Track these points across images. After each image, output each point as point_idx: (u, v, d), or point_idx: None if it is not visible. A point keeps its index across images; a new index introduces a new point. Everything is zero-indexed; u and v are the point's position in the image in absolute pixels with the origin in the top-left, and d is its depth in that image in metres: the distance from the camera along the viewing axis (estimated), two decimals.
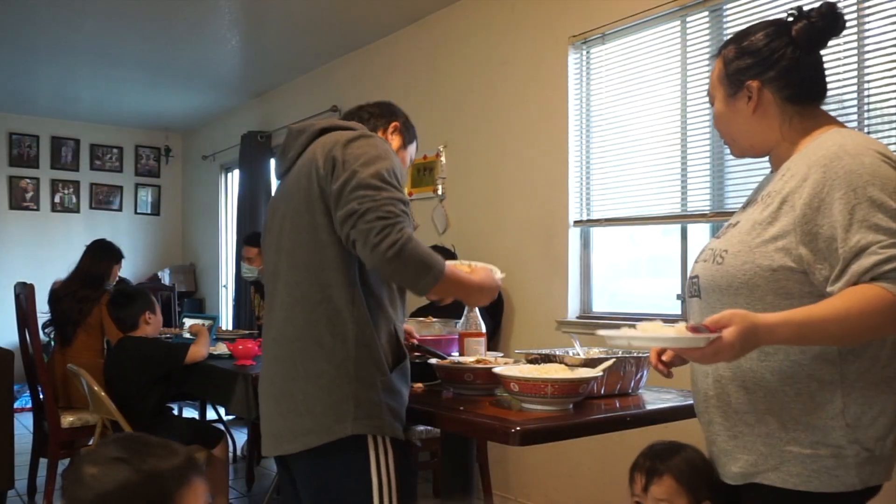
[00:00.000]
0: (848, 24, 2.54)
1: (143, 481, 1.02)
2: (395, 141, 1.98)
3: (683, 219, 3.16)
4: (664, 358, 1.58)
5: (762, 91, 1.41)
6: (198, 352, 3.26)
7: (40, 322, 4.02)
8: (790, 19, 1.42)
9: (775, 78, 1.41)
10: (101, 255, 4.08)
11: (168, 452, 1.08)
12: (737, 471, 1.41)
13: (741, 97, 1.43)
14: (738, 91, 1.43)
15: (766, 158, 1.51)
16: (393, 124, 1.98)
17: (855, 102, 2.59)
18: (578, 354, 2.06)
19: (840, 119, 2.63)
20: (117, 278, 4.23)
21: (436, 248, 3.97)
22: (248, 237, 4.54)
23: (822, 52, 1.47)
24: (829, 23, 1.38)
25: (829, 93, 2.65)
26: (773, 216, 1.34)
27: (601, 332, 1.35)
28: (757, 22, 1.49)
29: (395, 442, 1.67)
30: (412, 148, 2.06)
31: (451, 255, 3.94)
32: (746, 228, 1.39)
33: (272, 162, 6.35)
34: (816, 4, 1.41)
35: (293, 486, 1.77)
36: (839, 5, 1.99)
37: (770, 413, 1.35)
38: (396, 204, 1.59)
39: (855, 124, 2.59)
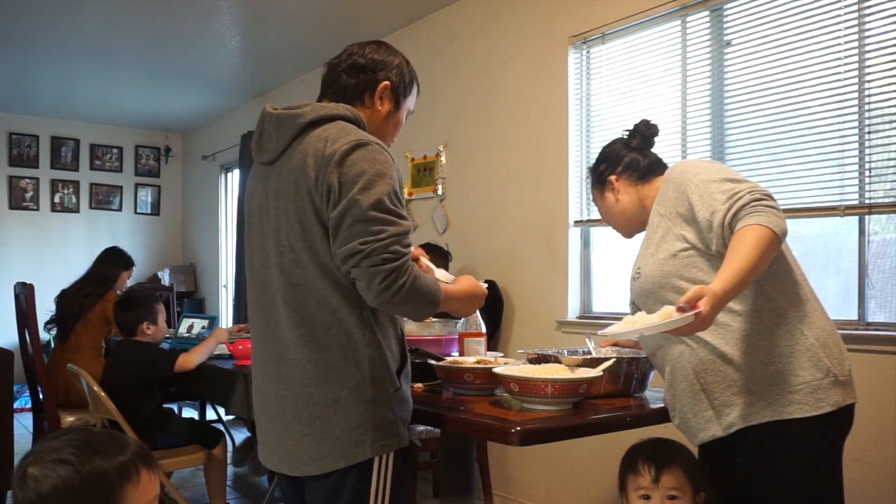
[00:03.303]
0: (848, 24, 2.57)
1: (84, 482, 0.99)
2: (386, 105, 1.75)
3: None
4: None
5: (619, 181, 1.93)
6: (187, 361, 3.21)
7: (44, 319, 4.08)
8: (626, 135, 1.99)
9: (624, 170, 1.93)
10: (111, 260, 4.30)
11: (115, 449, 1.03)
12: (737, 414, 1.61)
13: (608, 191, 1.96)
14: (604, 187, 1.96)
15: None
16: (381, 86, 1.73)
17: (855, 102, 2.59)
18: (591, 354, 2.06)
19: (840, 119, 2.66)
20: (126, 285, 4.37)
21: (428, 245, 3.97)
22: None
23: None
24: (649, 129, 1.97)
25: (830, 93, 2.68)
26: (654, 229, 1.78)
27: (604, 331, 1.55)
28: (606, 144, 2.02)
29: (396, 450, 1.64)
30: (411, 100, 1.82)
31: (444, 254, 3.92)
32: (643, 249, 1.83)
33: None
34: (638, 121, 1.99)
35: (297, 498, 1.74)
36: (838, 5, 2.56)
37: (749, 355, 1.60)
38: (401, 239, 1.51)
39: (855, 124, 2.59)
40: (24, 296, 3.82)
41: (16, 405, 4.71)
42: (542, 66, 3.74)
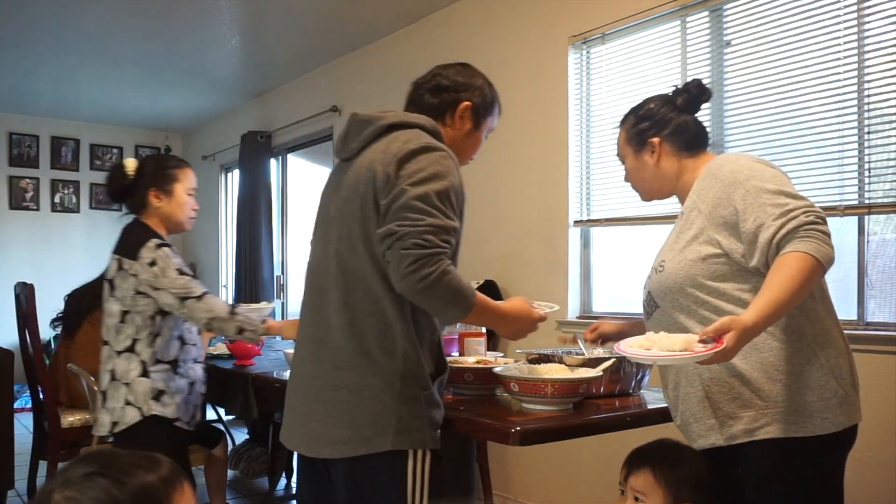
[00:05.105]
0: (848, 24, 2.57)
1: (130, 496, 0.87)
2: (466, 124, 1.84)
3: None
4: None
5: (662, 145, 1.77)
6: None
7: (48, 318, 4.09)
8: (672, 94, 1.81)
9: (669, 134, 1.77)
10: None
11: (153, 462, 0.94)
12: (741, 428, 1.57)
13: (646, 152, 1.79)
14: (643, 147, 1.80)
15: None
16: (462, 105, 1.82)
17: (855, 102, 2.59)
18: (582, 354, 2.06)
19: (840, 119, 2.67)
20: None
21: None
22: None
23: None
24: (701, 93, 1.79)
25: (829, 93, 2.68)
26: (688, 224, 1.67)
27: (623, 349, 1.51)
28: (648, 97, 1.85)
29: (432, 452, 1.65)
30: (491, 120, 1.91)
31: None
32: (673, 240, 1.73)
33: (272, 162, 6.36)
34: (689, 80, 1.82)
35: (312, 483, 1.76)
36: (838, 5, 2.59)
37: (758, 370, 1.56)
38: (438, 232, 1.53)
39: (855, 124, 2.59)
40: (24, 296, 3.82)
41: (16, 405, 4.71)
42: (542, 66, 3.74)
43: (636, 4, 3.28)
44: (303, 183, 6.57)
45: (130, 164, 2.59)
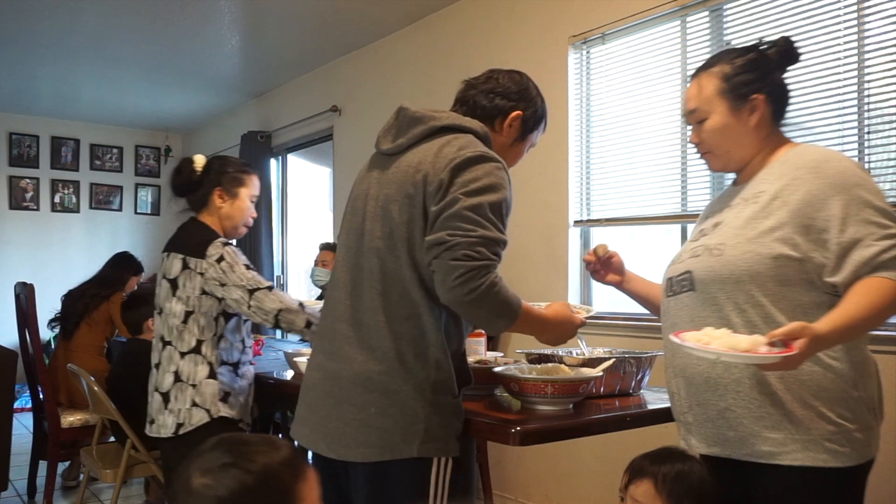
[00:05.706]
0: (848, 24, 2.57)
1: (257, 480, 0.98)
2: (513, 133, 1.80)
3: (683, 219, 3.16)
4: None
5: (765, 104, 1.54)
6: None
7: (47, 318, 4.10)
8: (764, 47, 1.57)
9: (771, 93, 1.54)
10: (121, 264, 4.36)
11: (272, 445, 1.03)
12: (766, 449, 1.47)
13: (745, 110, 1.54)
14: (744, 104, 1.54)
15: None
16: (513, 115, 1.78)
17: (855, 102, 2.59)
18: (583, 353, 2.06)
19: (840, 119, 2.66)
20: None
21: (328, 245, 4.04)
22: (329, 245, 4.48)
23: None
24: (791, 48, 1.56)
25: (830, 93, 2.68)
26: (766, 212, 1.47)
27: (680, 341, 1.39)
28: (736, 46, 1.62)
29: (454, 459, 1.64)
30: (535, 135, 1.87)
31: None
32: (740, 224, 1.51)
33: (272, 162, 6.35)
34: (776, 37, 1.57)
35: (324, 485, 1.74)
36: (838, 5, 2.54)
37: (791, 391, 1.45)
38: (489, 245, 1.51)
39: (855, 124, 2.59)
40: (25, 296, 3.82)
41: (15, 405, 4.72)
42: (542, 66, 3.74)
43: (636, 4, 3.28)
44: (303, 183, 6.57)
45: (199, 160, 2.56)
